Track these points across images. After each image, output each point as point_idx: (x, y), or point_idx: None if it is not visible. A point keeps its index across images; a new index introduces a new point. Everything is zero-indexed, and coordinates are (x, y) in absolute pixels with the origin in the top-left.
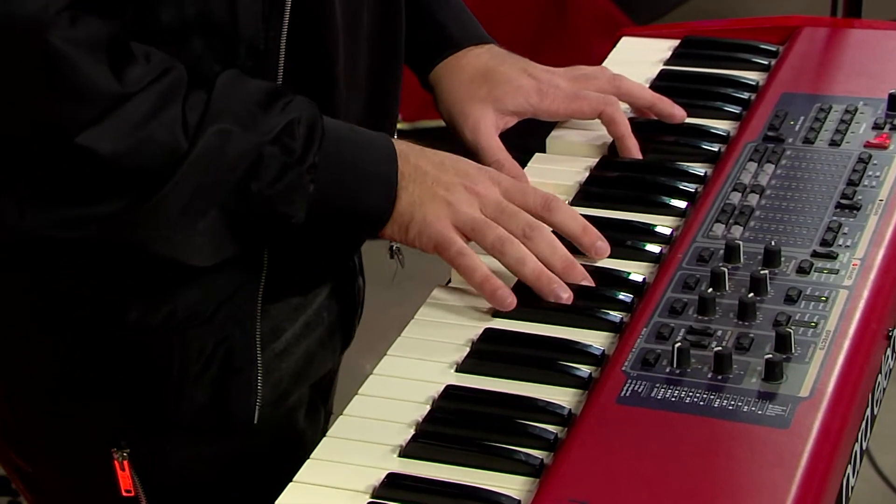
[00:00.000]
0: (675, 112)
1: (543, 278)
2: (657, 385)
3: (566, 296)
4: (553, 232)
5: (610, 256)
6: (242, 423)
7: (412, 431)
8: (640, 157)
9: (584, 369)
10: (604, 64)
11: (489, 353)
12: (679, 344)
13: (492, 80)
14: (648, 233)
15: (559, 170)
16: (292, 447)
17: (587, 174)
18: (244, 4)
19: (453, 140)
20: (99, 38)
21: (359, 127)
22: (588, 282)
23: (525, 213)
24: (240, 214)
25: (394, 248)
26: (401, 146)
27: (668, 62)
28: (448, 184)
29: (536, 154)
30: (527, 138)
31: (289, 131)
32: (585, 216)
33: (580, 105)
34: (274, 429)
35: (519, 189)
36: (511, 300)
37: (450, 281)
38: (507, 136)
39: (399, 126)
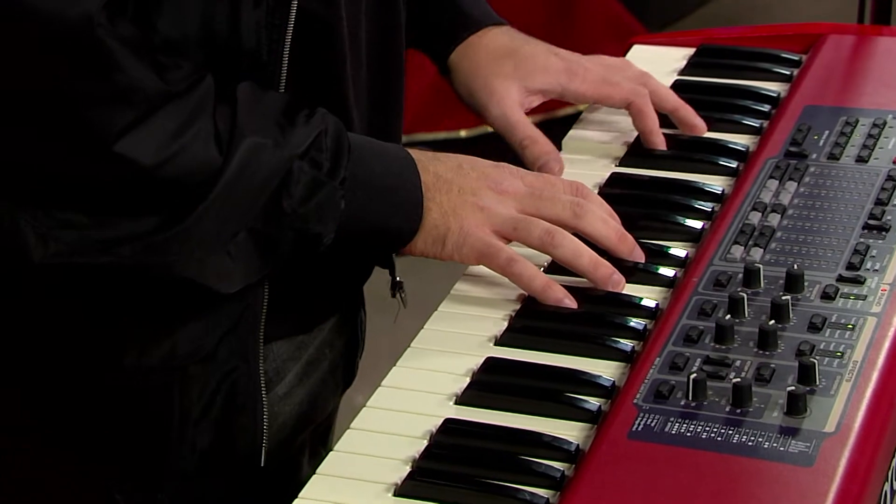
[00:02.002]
0: (697, 123)
1: (601, 268)
2: (671, 419)
3: (623, 285)
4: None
5: None
6: (248, 464)
7: (408, 469)
8: (663, 147)
9: (593, 402)
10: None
11: (491, 384)
12: (695, 375)
13: (517, 58)
14: (662, 255)
15: (576, 173)
16: (296, 494)
17: (604, 179)
18: (246, 14)
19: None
20: (137, 37)
21: (372, 138)
22: (639, 250)
23: (564, 194)
24: (269, 235)
25: (396, 284)
26: (414, 154)
27: (682, 72)
28: (474, 189)
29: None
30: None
31: (317, 144)
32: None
33: (610, 91)
34: (278, 476)
35: (545, 179)
36: (574, 303)
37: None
38: None
39: None
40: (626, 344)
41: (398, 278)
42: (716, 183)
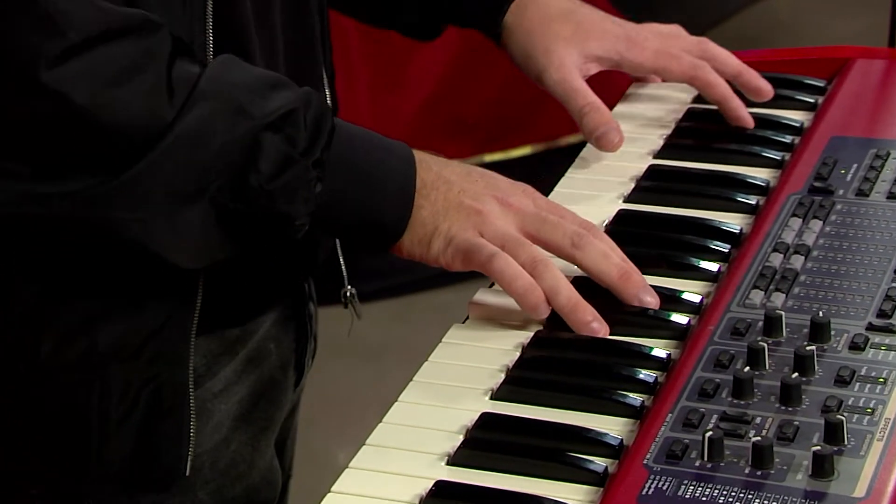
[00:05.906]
0: (762, 85)
1: (579, 312)
2: (685, 482)
3: (603, 331)
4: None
5: (629, 328)
6: (172, 474)
7: None
8: (750, 121)
9: (599, 462)
10: (622, 100)
11: (487, 442)
12: (711, 433)
13: (575, 20)
14: (674, 300)
15: (578, 210)
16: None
17: (610, 216)
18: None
19: None
20: None
21: (374, 132)
22: (650, 295)
23: (570, 223)
24: (234, 210)
25: (347, 295)
26: (422, 154)
27: (696, 99)
28: (477, 194)
29: (556, 189)
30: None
31: (293, 121)
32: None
33: (669, 63)
34: (215, 480)
35: (557, 206)
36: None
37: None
38: (517, 174)
39: None
40: (636, 398)
41: (349, 287)
42: (733, 221)
